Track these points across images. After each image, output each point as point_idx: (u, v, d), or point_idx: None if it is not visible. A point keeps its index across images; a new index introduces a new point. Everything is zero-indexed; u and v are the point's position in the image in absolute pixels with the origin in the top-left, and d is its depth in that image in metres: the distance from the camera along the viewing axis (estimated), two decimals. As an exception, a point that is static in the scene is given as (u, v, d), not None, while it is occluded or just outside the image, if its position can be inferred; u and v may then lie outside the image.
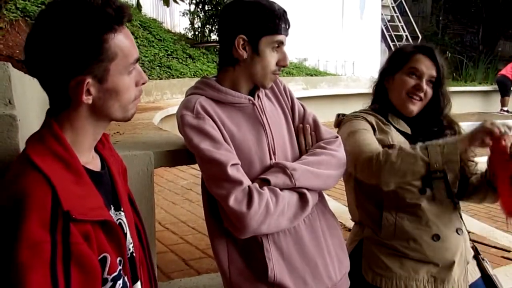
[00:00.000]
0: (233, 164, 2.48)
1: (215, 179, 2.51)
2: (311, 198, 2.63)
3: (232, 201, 2.42)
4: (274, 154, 2.71)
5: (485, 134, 2.81)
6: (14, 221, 1.65)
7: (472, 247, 3.33)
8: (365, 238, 3.20)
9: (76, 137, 1.93)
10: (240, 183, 2.45)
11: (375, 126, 3.14)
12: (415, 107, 3.19)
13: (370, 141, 3.02)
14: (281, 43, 2.65)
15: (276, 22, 2.60)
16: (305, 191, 2.60)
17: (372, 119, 3.17)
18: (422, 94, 3.16)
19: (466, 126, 3.18)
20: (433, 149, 2.85)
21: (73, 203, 1.74)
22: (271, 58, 2.64)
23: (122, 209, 2.13)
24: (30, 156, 1.78)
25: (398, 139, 3.10)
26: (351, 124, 3.14)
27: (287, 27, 2.66)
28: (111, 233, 1.90)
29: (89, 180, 1.90)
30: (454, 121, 3.35)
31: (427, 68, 3.17)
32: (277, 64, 2.67)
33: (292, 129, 2.88)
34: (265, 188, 2.50)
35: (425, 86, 3.16)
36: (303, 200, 2.60)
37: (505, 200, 2.89)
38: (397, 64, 3.25)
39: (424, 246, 3.03)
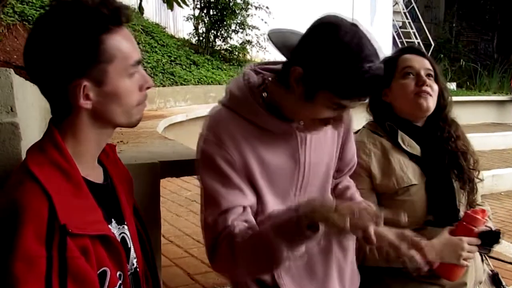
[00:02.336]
0: (223, 211, 2.37)
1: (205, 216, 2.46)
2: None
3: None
4: (299, 191, 2.60)
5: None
6: (11, 232, 1.67)
7: (487, 264, 3.30)
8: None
9: (78, 146, 1.93)
10: (218, 232, 2.39)
11: (377, 169, 3.07)
12: (429, 102, 3.09)
13: None
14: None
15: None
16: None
17: (376, 155, 3.09)
18: (429, 89, 3.08)
19: (480, 138, 3.17)
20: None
21: (71, 217, 1.76)
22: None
23: (125, 223, 2.13)
24: (29, 166, 1.79)
25: (407, 169, 3.06)
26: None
27: None
28: (110, 247, 1.91)
29: (89, 192, 1.90)
30: (456, 124, 3.27)
31: (419, 63, 3.13)
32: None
33: (335, 157, 2.75)
34: (224, 242, 2.36)
35: (426, 79, 3.09)
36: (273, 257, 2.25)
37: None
38: (388, 73, 3.01)
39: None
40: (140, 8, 6.89)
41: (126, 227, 2.13)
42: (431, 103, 3.10)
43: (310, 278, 2.64)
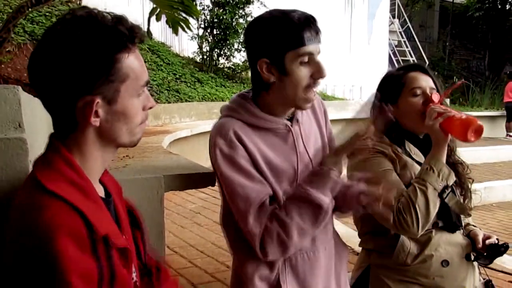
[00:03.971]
0: (260, 205, 2.40)
1: (241, 214, 2.44)
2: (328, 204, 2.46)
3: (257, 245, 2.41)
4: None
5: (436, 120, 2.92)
6: (50, 257, 1.59)
7: (481, 273, 3.29)
8: (372, 265, 3.17)
9: (86, 163, 1.85)
10: (264, 222, 2.39)
11: (396, 161, 3.06)
12: None
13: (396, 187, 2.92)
14: (310, 54, 2.38)
15: (297, 33, 2.32)
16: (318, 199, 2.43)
17: (391, 152, 3.07)
18: None
19: (472, 152, 3.18)
20: (430, 178, 2.88)
21: (105, 228, 1.72)
22: (301, 73, 2.38)
23: (124, 236, 2.09)
24: (44, 185, 1.70)
25: (416, 171, 3.04)
26: (374, 162, 3.02)
27: (316, 34, 2.38)
28: (126, 259, 1.86)
29: (105, 207, 1.86)
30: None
31: (425, 81, 3.13)
32: (312, 77, 2.41)
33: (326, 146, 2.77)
34: (274, 222, 2.39)
35: None
36: (319, 210, 2.43)
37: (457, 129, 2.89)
38: (394, 90, 3.18)
39: (433, 272, 3.00)
40: (148, 32, 6.92)
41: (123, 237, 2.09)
42: None
43: (316, 281, 2.63)
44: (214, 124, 2.55)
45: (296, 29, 2.33)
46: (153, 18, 7.18)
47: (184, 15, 6.89)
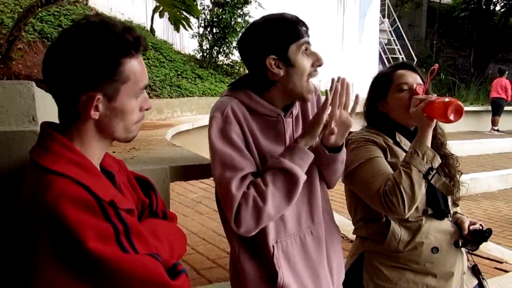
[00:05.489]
0: (244, 175, 2.44)
1: (224, 181, 2.46)
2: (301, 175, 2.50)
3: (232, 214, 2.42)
4: None
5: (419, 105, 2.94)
6: (62, 225, 1.67)
7: (468, 259, 3.31)
8: (366, 251, 3.20)
9: (85, 150, 1.95)
10: (237, 198, 2.41)
11: (387, 150, 3.09)
12: None
13: (384, 172, 2.96)
14: (307, 44, 2.53)
15: (295, 28, 2.50)
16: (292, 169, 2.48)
17: (382, 142, 3.10)
18: None
19: (458, 145, 3.17)
20: (415, 161, 2.86)
21: (109, 195, 1.82)
22: (304, 62, 2.51)
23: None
24: (47, 167, 1.80)
25: None
26: (366, 150, 3.06)
27: (307, 29, 2.55)
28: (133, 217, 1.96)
29: (106, 178, 1.96)
30: (443, 131, 3.34)
31: (412, 78, 3.16)
32: (312, 66, 2.54)
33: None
34: (251, 188, 2.43)
35: None
36: (290, 178, 2.47)
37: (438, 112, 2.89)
38: (383, 87, 3.23)
39: (424, 258, 3.03)
40: (152, 29, 6.93)
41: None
42: None
43: (305, 265, 2.66)
44: (216, 102, 2.62)
45: (293, 25, 2.51)
46: (156, 17, 7.18)
47: (185, 14, 6.92)
